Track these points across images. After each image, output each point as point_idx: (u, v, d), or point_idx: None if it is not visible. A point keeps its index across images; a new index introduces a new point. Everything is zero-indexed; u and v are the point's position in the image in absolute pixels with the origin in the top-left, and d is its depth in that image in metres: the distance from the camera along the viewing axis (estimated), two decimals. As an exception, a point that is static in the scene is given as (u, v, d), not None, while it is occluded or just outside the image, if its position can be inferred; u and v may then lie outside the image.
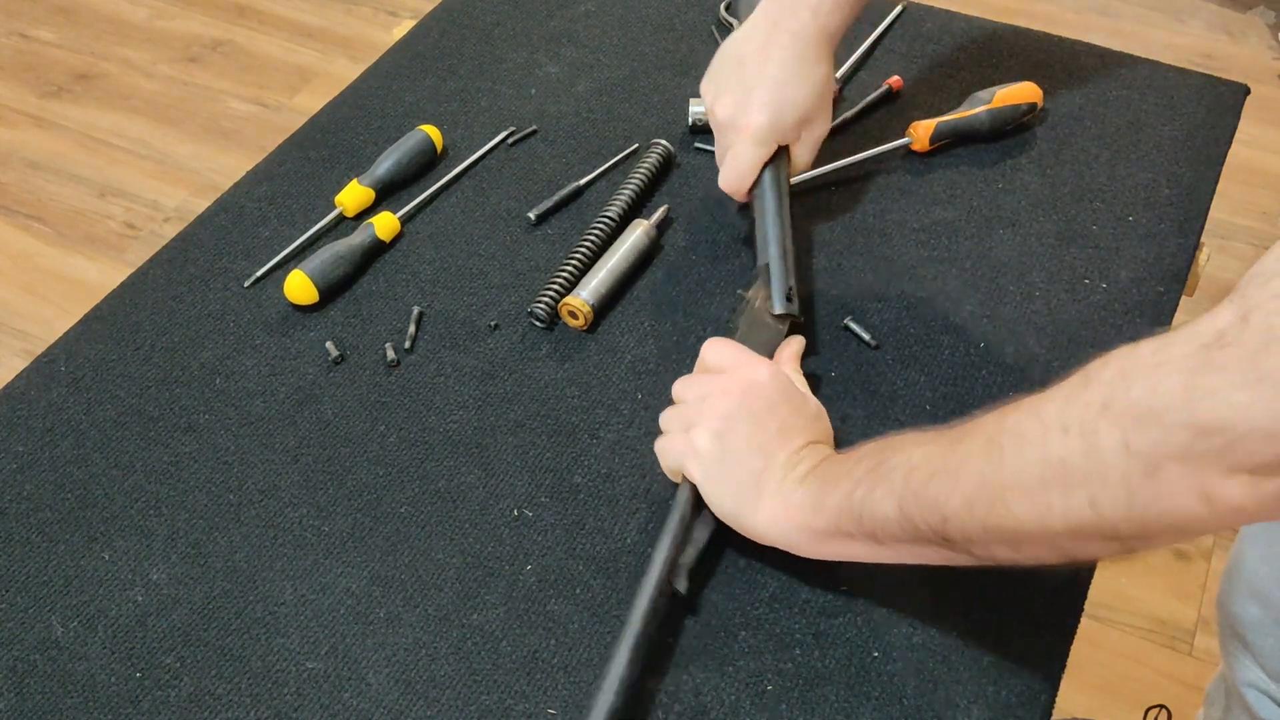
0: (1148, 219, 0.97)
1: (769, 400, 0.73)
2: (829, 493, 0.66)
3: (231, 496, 0.79)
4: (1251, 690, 1.00)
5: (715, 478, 0.72)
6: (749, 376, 0.74)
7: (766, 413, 0.72)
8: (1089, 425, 0.52)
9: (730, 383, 0.74)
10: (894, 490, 0.62)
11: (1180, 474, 0.49)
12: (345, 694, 0.70)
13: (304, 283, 0.90)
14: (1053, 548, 0.57)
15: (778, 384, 0.74)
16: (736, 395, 0.73)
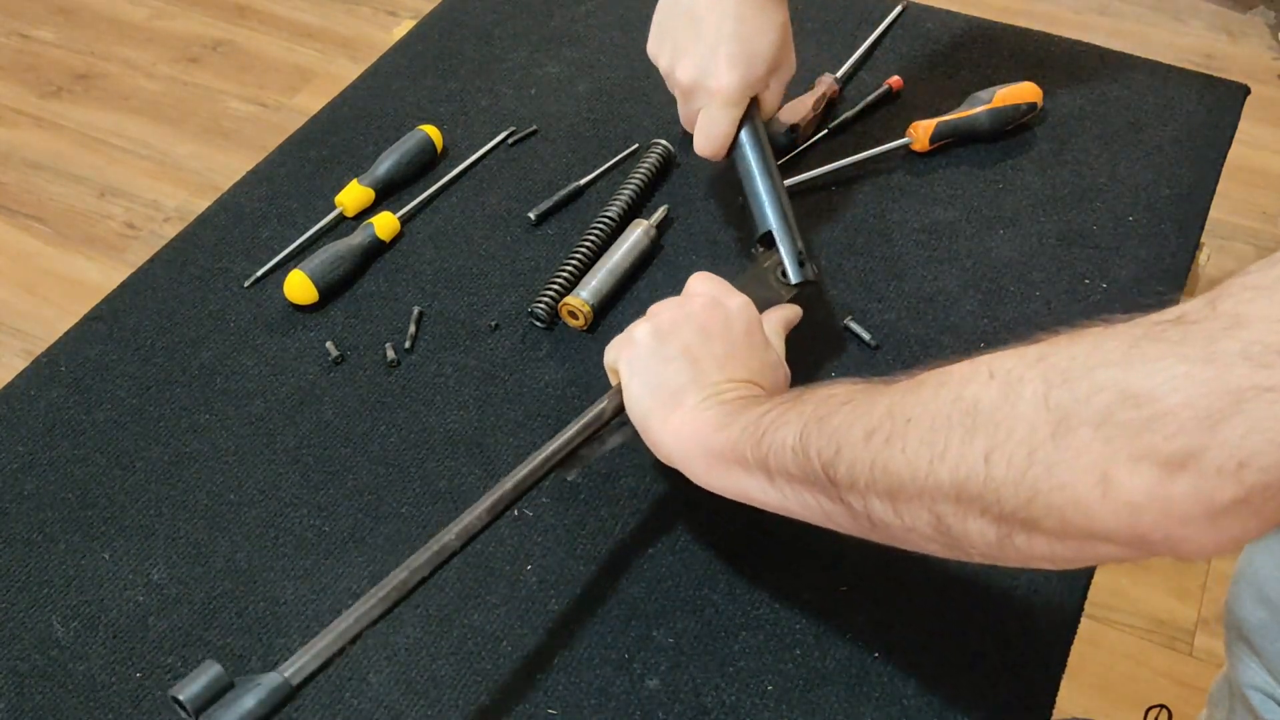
0: (1148, 219, 0.97)
1: (725, 325, 0.71)
2: (738, 415, 0.63)
3: (232, 496, 0.79)
4: (1256, 693, 1.00)
5: (639, 372, 0.69)
6: (718, 299, 0.72)
7: (718, 335, 0.70)
8: (1016, 374, 0.48)
9: (696, 302, 0.72)
10: (802, 417, 0.58)
11: (1088, 441, 0.44)
12: (345, 694, 0.70)
13: (304, 283, 0.90)
14: (930, 511, 0.52)
15: (744, 317, 0.72)
16: (695, 309, 0.71)
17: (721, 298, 0.73)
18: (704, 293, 0.74)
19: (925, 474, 0.50)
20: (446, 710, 0.69)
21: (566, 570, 0.75)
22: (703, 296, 0.73)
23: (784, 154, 1.03)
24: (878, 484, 0.53)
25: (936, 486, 0.50)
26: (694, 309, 0.72)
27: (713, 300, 0.73)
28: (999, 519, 0.49)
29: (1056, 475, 0.45)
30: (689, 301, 0.73)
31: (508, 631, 0.72)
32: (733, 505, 0.78)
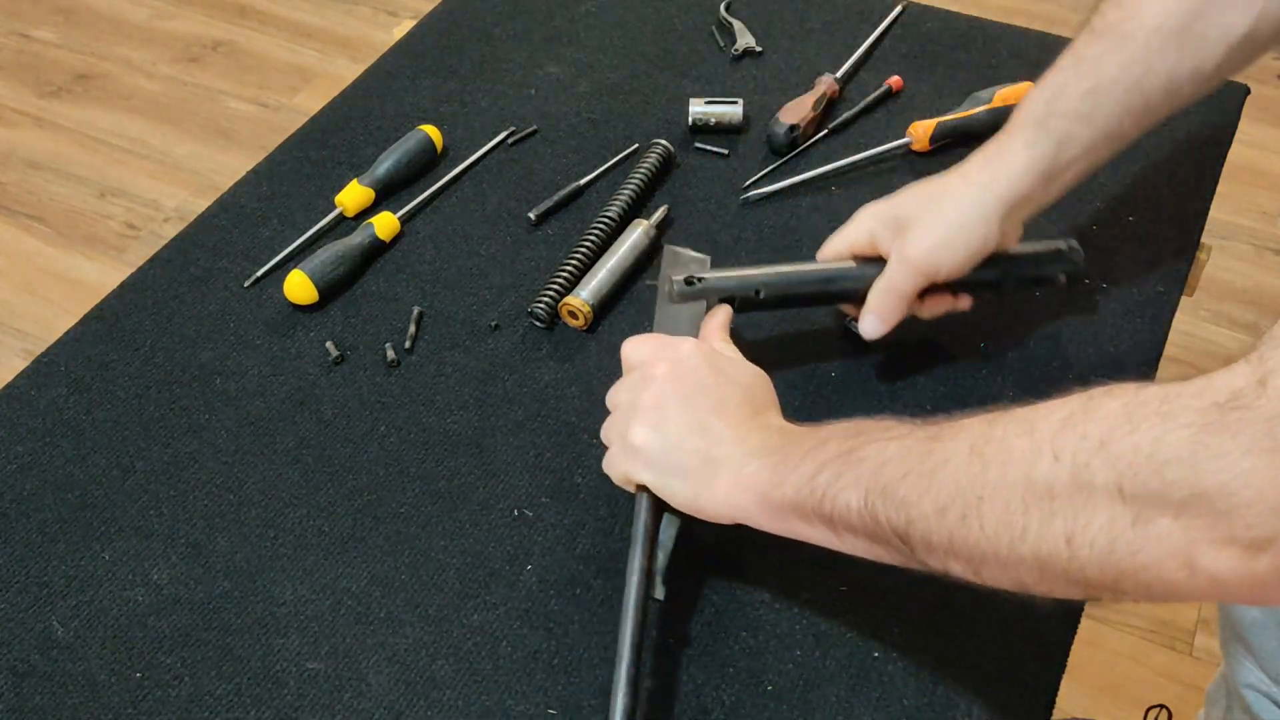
0: (1148, 219, 0.97)
1: (696, 377, 0.70)
2: (790, 470, 0.64)
3: (231, 496, 0.79)
4: (1252, 692, 1.00)
5: (663, 471, 0.69)
6: (669, 359, 0.71)
7: (696, 391, 0.70)
8: (1082, 459, 0.49)
9: (651, 371, 0.71)
10: (861, 481, 0.59)
11: (1170, 532, 0.46)
12: (345, 694, 0.70)
13: (304, 283, 0.90)
14: (1013, 576, 0.54)
15: (701, 357, 0.71)
16: (660, 382, 0.70)
17: (670, 355, 0.72)
18: (651, 358, 0.73)
19: (1007, 551, 0.53)
20: (446, 710, 0.69)
21: (566, 570, 0.75)
22: (655, 363, 0.72)
23: (784, 154, 1.03)
24: (958, 553, 0.56)
25: (1019, 561, 0.53)
26: (659, 379, 0.71)
27: (668, 365, 0.71)
28: (1085, 587, 0.52)
29: (1141, 559, 0.48)
30: (648, 374, 0.71)
31: (508, 631, 0.72)
32: (733, 505, 0.78)
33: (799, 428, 0.68)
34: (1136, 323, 0.89)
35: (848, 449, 0.62)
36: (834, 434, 0.64)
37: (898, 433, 0.60)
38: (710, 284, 0.80)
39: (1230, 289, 2.05)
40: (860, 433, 0.62)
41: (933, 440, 0.58)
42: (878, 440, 0.60)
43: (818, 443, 0.64)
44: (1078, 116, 0.79)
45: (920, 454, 0.57)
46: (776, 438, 0.67)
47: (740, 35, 1.15)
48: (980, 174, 0.80)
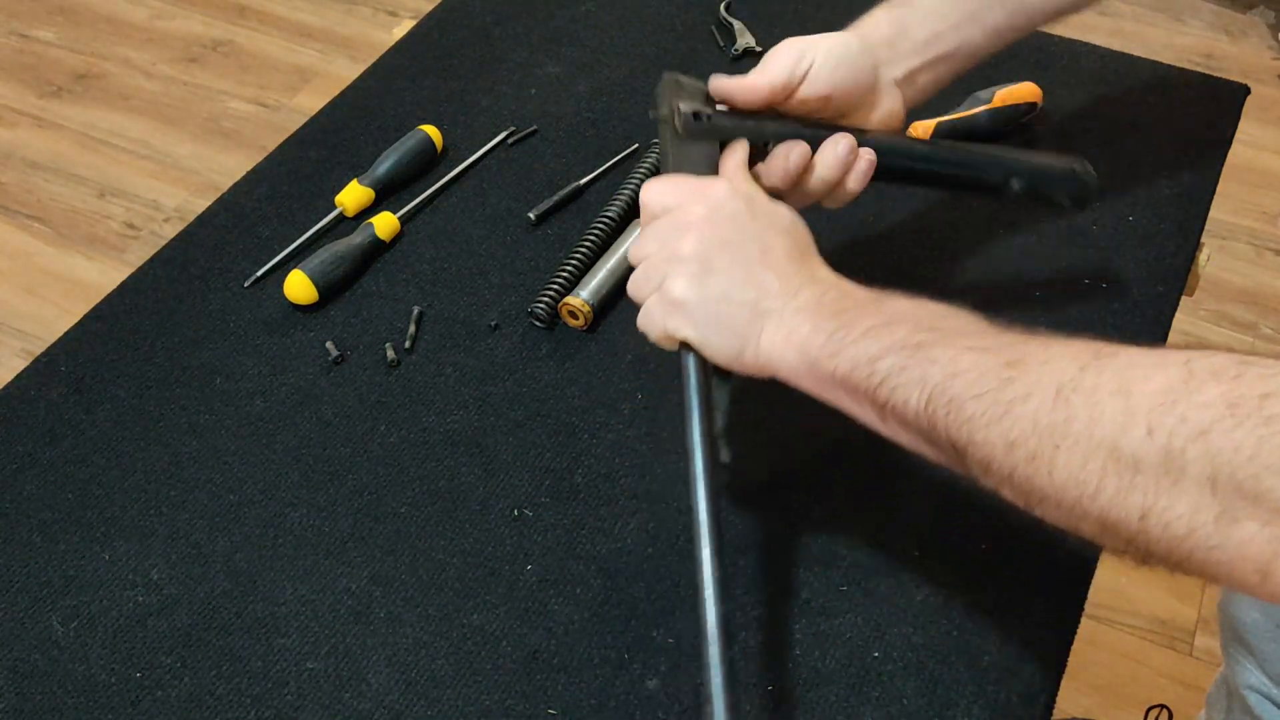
0: (1148, 219, 0.97)
1: (738, 220, 0.66)
2: (848, 343, 0.60)
3: (231, 496, 0.79)
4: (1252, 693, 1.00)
5: (708, 325, 0.65)
6: (705, 203, 0.66)
7: (740, 235, 0.65)
8: (1178, 444, 0.47)
9: (685, 216, 0.66)
10: (927, 383, 0.56)
11: (1254, 537, 0.46)
12: (345, 694, 0.70)
13: (304, 283, 0.90)
14: (1067, 521, 0.53)
15: (740, 199, 0.67)
16: (698, 228, 0.65)
17: (704, 196, 0.67)
18: (683, 201, 0.67)
19: (1072, 503, 0.51)
20: (446, 710, 0.69)
21: (566, 570, 0.75)
22: (689, 206, 0.66)
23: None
24: (1016, 486, 0.54)
25: (1082, 514, 0.52)
26: (696, 225, 0.65)
27: (705, 208, 0.66)
28: (1144, 557, 0.51)
29: (1216, 554, 0.47)
30: (682, 220, 0.66)
31: (508, 631, 0.72)
32: (732, 505, 0.78)
33: (855, 288, 0.64)
34: (1136, 323, 0.89)
35: (917, 342, 0.58)
36: (902, 316, 0.60)
37: (975, 341, 0.57)
38: (720, 124, 0.73)
39: (1230, 289, 2.05)
40: (934, 327, 0.59)
41: (1013, 367, 0.55)
42: (953, 345, 0.57)
43: (883, 321, 0.60)
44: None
45: (999, 379, 0.55)
46: (833, 296, 0.63)
47: (740, 35, 1.15)
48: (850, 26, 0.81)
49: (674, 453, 0.81)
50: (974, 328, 0.59)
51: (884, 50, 0.79)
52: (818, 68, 0.76)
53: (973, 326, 0.59)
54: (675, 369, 0.86)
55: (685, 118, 0.72)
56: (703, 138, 0.73)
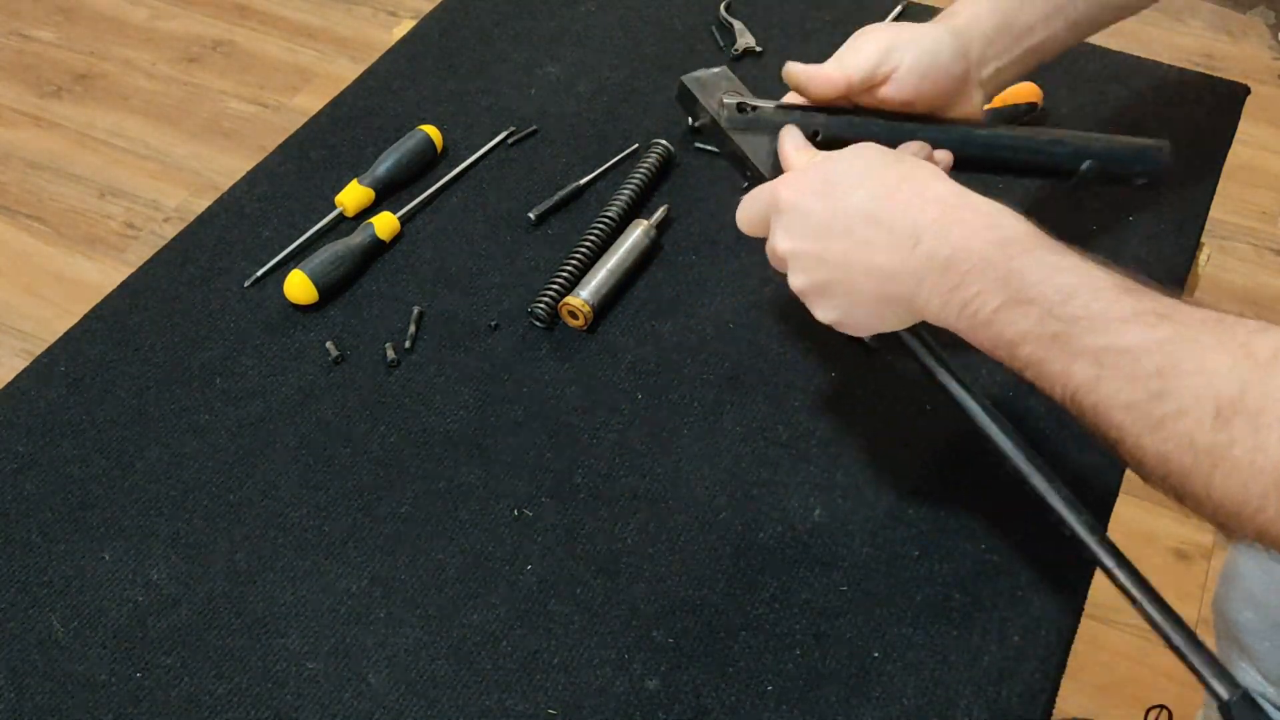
0: (1148, 219, 0.97)
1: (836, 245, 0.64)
2: (980, 321, 0.59)
3: (231, 496, 0.79)
4: (1250, 692, 1.00)
5: (869, 329, 0.67)
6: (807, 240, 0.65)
7: (845, 259, 0.64)
8: None
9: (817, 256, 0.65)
10: (1070, 383, 0.55)
11: None
12: (345, 694, 0.70)
13: (304, 283, 0.90)
14: (1222, 525, 0.51)
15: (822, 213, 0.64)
16: (817, 272, 0.65)
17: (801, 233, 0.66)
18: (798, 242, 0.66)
19: (1229, 515, 0.50)
20: (446, 710, 0.69)
21: (566, 570, 0.75)
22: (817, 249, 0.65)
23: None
24: (1169, 488, 0.53)
25: (1240, 526, 0.50)
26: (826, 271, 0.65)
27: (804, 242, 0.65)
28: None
29: None
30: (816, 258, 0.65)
31: (508, 631, 0.72)
32: (732, 506, 0.78)
33: (965, 230, 0.60)
34: (1136, 323, 0.89)
35: (1054, 334, 0.55)
36: (1029, 289, 0.56)
37: (1116, 335, 0.54)
38: (765, 115, 0.72)
39: (1230, 289, 2.05)
40: (1067, 311, 0.55)
41: (1163, 377, 0.51)
42: (1093, 337, 0.54)
43: (1010, 298, 0.57)
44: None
45: (1147, 391, 0.52)
46: (944, 254, 0.60)
47: (740, 35, 1.15)
48: (941, 21, 0.77)
49: (674, 453, 0.81)
50: (1106, 305, 0.55)
51: (979, 46, 0.76)
52: (905, 70, 0.74)
53: (1104, 303, 0.55)
54: (674, 372, 0.86)
55: (728, 111, 0.71)
56: (747, 129, 0.72)
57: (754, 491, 0.79)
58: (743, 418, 0.84)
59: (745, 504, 0.78)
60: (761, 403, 0.85)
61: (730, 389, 0.85)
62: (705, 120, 0.73)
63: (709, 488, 0.79)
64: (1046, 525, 0.75)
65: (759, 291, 0.90)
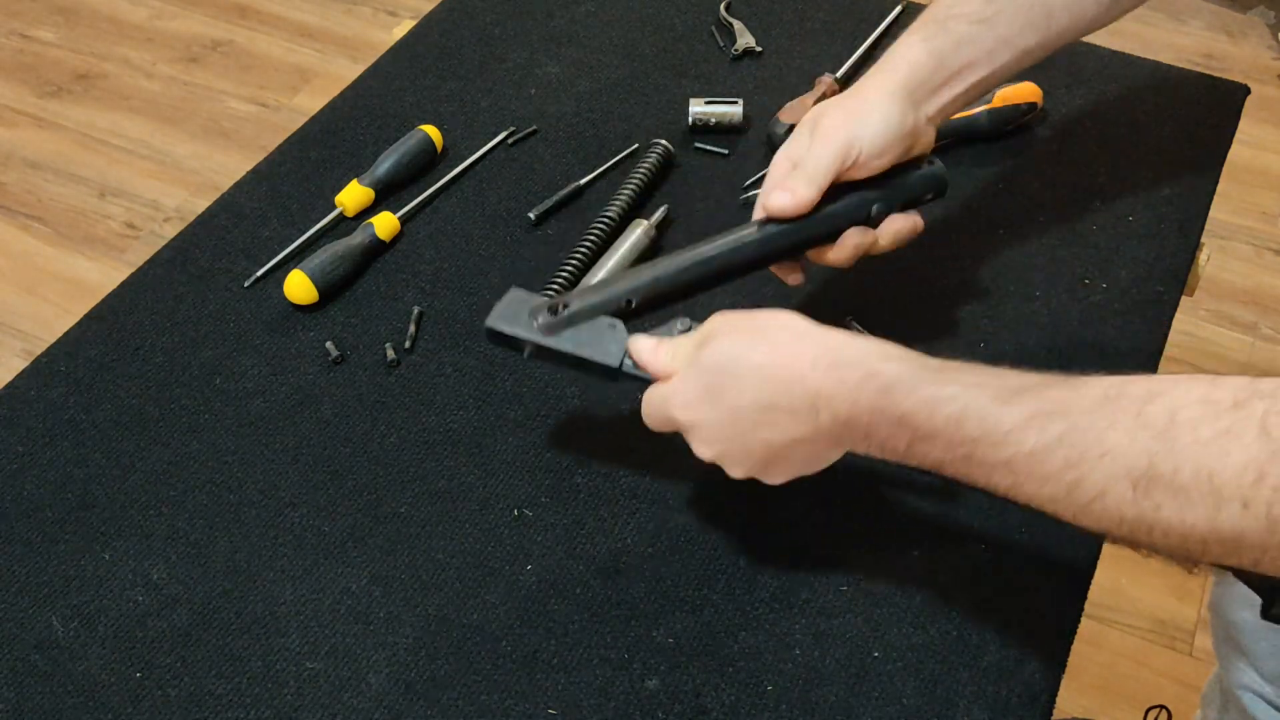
0: (1148, 219, 0.97)
1: (739, 426, 0.66)
2: (900, 453, 0.62)
3: (231, 496, 0.79)
4: (1247, 693, 1.01)
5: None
6: (700, 431, 0.68)
7: (748, 437, 0.66)
8: (1278, 510, 0.49)
9: (707, 448, 0.69)
10: (997, 490, 0.58)
11: None
12: (345, 694, 0.70)
13: (304, 283, 0.90)
14: (1182, 559, 0.55)
15: (714, 408, 0.67)
16: (719, 451, 0.68)
17: (692, 425, 0.69)
18: (687, 423, 0.69)
19: (1181, 557, 0.53)
20: (446, 710, 0.69)
21: (566, 570, 0.75)
22: (700, 437, 0.69)
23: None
24: (1122, 544, 0.56)
25: (1196, 559, 0.53)
26: (719, 453, 0.68)
27: (701, 435, 0.69)
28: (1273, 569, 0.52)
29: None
30: (707, 448, 0.69)
31: (508, 631, 0.72)
32: (732, 506, 0.78)
33: (848, 398, 0.62)
34: (1136, 323, 0.89)
35: (964, 455, 0.59)
36: (931, 428, 0.59)
37: (1016, 443, 0.56)
38: (577, 308, 0.74)
39: (1230, 289, 2.05)
40: (960, 426, 0.58)
41: (1074, 467, 0.55)
42: (997, 446, 0.57)
43: (910, 436, 0.60)
44: (978, 19, 0.79)
45: (1064, 484, 0.55)
46: (842, 418, 0.63)
47: (740, 35, 1.15)
48: (881, 67, 0.80)
49: (674, 452, 0.81)
50: (995, 420, 0.57)
51: (923, 93, 0.79)
52: (866, 156, 0.77)
53: (992, 419, 0.57)
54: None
55: (543, 316, 0.73)
56: (564, 326, 0.73)
57: (754, 491, 0.79)
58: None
59: (745, 504, 0.78)
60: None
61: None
62: (530, 348, 0.74)
63: (709, 488, 0.79)
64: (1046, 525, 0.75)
65: (759, 291, 0.90)
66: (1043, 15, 0.80)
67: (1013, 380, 0.58)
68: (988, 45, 0.80)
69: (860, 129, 0.76)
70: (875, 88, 0.78)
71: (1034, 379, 0.58)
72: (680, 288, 0.76)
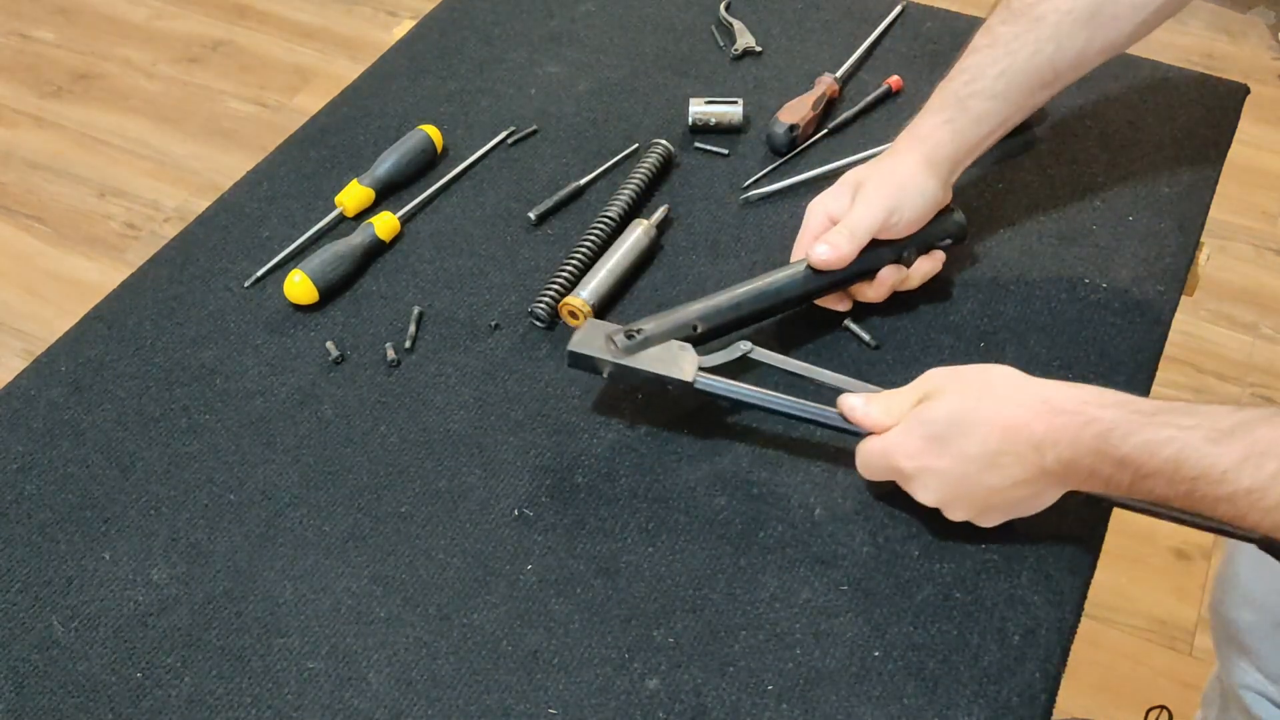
0: (1148, 219, 0.97)
1: (968, 481, 0.72)
2: (1124, 486, 0.66)
3: (232, 496, 0.79)
4: (1249, 693, 1.01)
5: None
6: (929, 480, 0.73)
7: (977, 489, 0.72)
8: None
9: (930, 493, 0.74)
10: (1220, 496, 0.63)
11: None
12: (346, 694, 0.70)
13: (304, 283, 0.90)
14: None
15: (943, 458, 0.72)
16: (949, 499, 0.73)
17: (914, 474, 0.74)
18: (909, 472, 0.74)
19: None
20: (446, 710, 0.69)
21: (566, 570, 0.75)
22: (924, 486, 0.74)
23: (784, 154, 1.03)
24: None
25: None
26: (947, 500, 0.73)
27: (928, 483, 0.73)
28: None
29: None
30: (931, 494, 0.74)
31: (508, 631, 0.72)
32: (732, 505, 0.78)
33: (1064, 446, 0.67)
34: (1136, 323, 0.89)
35: (1186, 492, 0.64)
36: (1152, 469, 0.64)
37: (1234, 483, 0.62)
38: (650, 333, 0.81)
39: (1230, 289, 2.05)
40: (1179, 469, 0.63)
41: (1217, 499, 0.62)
42: (1215, 484, 0.62)
43: (1142, 478, 0.65)
44: (993, 95, 0.86)
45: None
46: (1060, 469, 0.68)
47: (740, 35, 1.15)
48: (913, 149, 0.87)
49: (675, 452, 0.81)
50: (1211, 462, 0.62)
51: (948, 167, 0.88)
52: (905, 224, 0.86)
53: (1209, 460, 0.62)
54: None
55: (620, 339, 0.80)
56: (639, 350, 0.80)
57: (754, 491, 0.79)
58: (743, 416, 0.84)
59: (745, 504, 0.78)
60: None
61: (730, 389, 0.85)
62: (610, 368, 0.80)
63: (709, 488, 0.79)
64: (1047, 525, 0.75)
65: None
66: (1050, 74, 0.86)
67: (1223, 421, 0.63)
68: (1003, 115, 0.87)
69: (902, 199, 0.85)
70: (913, 163, 0.86)
71: (1243, 416, 0.63)
72: (738, 319, 0.85)
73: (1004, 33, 0.86)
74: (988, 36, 0.87)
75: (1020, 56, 0.85)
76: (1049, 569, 0.75)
